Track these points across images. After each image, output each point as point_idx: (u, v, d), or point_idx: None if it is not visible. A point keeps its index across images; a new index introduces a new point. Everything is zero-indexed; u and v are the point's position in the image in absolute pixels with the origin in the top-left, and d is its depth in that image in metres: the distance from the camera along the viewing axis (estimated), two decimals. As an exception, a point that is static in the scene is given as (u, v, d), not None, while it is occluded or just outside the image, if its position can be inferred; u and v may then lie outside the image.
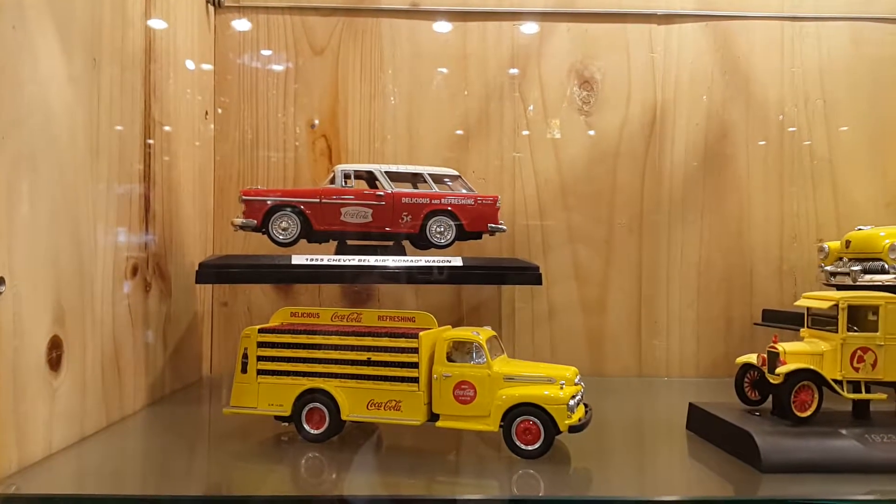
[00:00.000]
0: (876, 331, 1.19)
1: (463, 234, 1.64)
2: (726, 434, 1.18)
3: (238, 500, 1.02)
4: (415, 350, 1.18)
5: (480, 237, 1.68)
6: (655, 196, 1.91)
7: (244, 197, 1.57)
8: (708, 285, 1.90)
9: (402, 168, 1.65)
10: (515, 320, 1.90)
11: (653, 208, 1.91)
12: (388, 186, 1.61)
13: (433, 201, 1.61)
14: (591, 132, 1.91)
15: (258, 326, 1.26)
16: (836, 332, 1.20)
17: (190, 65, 1.73)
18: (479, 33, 1.91)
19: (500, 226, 1.65)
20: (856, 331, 1.20)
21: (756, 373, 1.27)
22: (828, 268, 1.67)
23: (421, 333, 1.19)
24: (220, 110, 1.89)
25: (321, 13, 1.90)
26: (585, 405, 1.23)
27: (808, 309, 1.28)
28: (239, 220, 1.57)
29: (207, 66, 1.86)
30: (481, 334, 1.21)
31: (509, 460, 1.13)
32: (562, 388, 1.14)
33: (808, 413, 1.17)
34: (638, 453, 1.24)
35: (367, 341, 1.20)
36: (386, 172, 1.63)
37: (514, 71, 1.91)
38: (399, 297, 1.87)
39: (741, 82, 1.91)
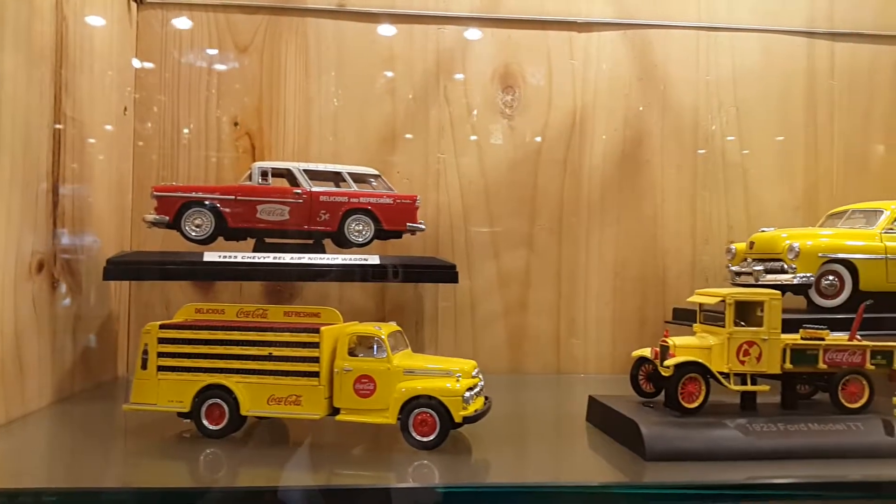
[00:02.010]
0: (761, 326, 1.25)
1: (382, 234, 1.66)
2: (618, 425, 1.22)
3: (122, 493, 1.02)
4: (316, 345, 1.19)
5: (400, 236, 1.71)
6: (575, 199, 1.96)
7: (156, 193, 1.56)
8: (623, 285, 1.96)
9: (320, 166, 1.66)
10: (438, 319, 1.92)
11: (572, 211, 1.96)
12: (306, 184, 1.62)
13: (351, 200, 1.63)
14: (514, 136, 1.95)
15: (159, 322, 1.25)
16: (724, 326, 1.25)
17: (109, 60, 1.71)
18: (405, 35, 1.94)
19: (418, 225, 1.67)
20: (743, 325, 1.26)
21: (650, 366, 1.32)
22: (733, 268, 1.74)
23: (322, 328, 1.20)
24: (140, 107, 1.87)
25: (246, 11, 1.90)
26: (486, 398, 1.25)
27: (700, 305, 1.33)
28: (151, 217, 1.56)
29: (128, 62, 1.84)
30: (383, 329, 1.23)
31: (411, 452, 1.15)
32: (458, 380, 1.17)
33: (696, 404, 1.22)
34: (534, 444, 1.27)
35: (269, 336, 1.21)
36: (304, 171, 1.64)
37: (440, 74, 1.94)
38: (322, 295, 1.88)
39: (657, 89, 1.98)
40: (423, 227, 1.67)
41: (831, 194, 1.99)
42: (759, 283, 1.64)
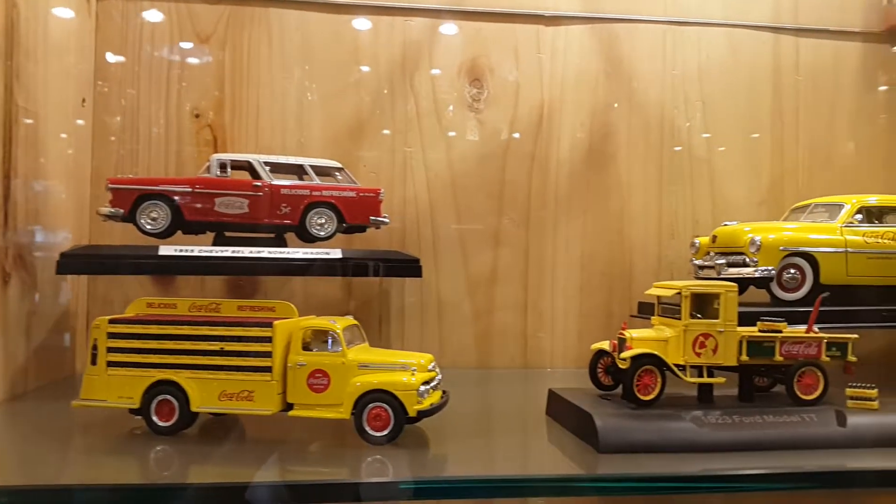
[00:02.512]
0: (717, 318, 1.25)
1: (345, 227, 1.64)
2: (575, 418, 1.22)
3: (70, 490, 0.99)
4: (268, 339, 1.17)
5: (364, 230, 1.69)
6: (542, 193, 1.96)
7: (111, 185, 1.53)
8: (590, 279, 1.96)
9: (282, 159, 1.64)
10: (405, 314, 1.91)
11: (540, 205, 1.95)
12: (266, 177, 1.59)
13: (313, 193, 1.60)
14: (481, 129, 1.94)
15: (108, 317, 1.23)
16: (681, 319, 1.25)
17: (66, 50, 1.68)
18: (372, 27, 1.92)
19: (382, 219, 1.66)
20: (699, 318, 1.26)
21: (609, 359, 1.32)
22: (697, 262, 1.75)
23: (275, 322, 1.18)
24: (100, 98, 1.84)
25: (208, 1, 1.87)
26: (444, 392, 1.24)
27: (658, 298, 1.33)
28: (106, 210, 1.52)
29: (87, 53, 1.81)
30: (338, 323, 1.21)
31: (366, 447, 1.14)
32: (413, 374, 1.15)
33: (652, 396, 1.22)
34: (491, 438, 1.26)
35: (220, 331, 1.19)
36: (265, 163, 1.61)
37: (406, 66, 1.92)
38: (287, 290, 1.86)
39: (624, 84, 1.98)
40: (386, 220, 1.66)
41: (796, 189, 2.00)
42: (722, 276, 1.64)
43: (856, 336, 1.29)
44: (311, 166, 1.63)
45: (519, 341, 1.94)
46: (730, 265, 1.64)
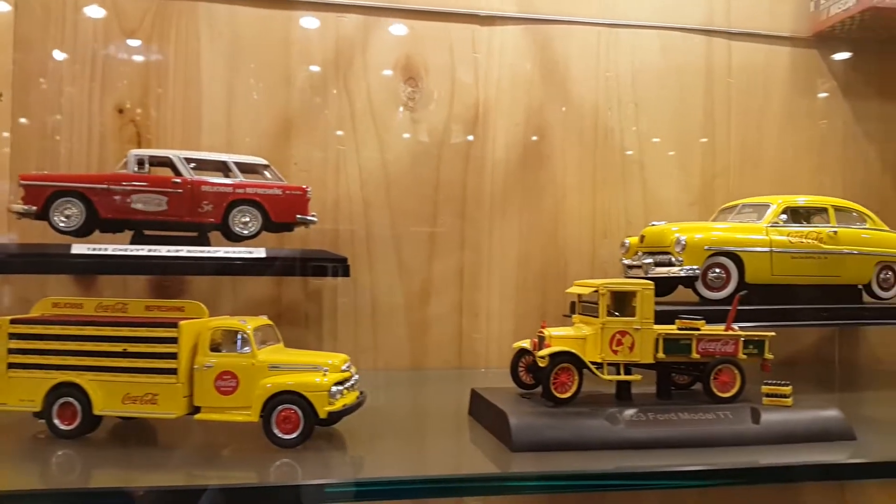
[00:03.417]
0: (634, 316, 1.25)
1: (271, 226, 1.60)
2: (493, 417, 1.21)
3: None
4: (173, 340, 1.13)
5: (292, 229, 1.65)
6: (477, 193, 1.95)
7: (23, 182, 1.47)
8: (525, 279, 1.95)
9: (204, 155, 1.60)
10: (337, 315, 1.88)
11: (475, 205, 1.94)
12: (186, 173, 1.55)
13: (236, 190, 1.56)
14: (416, 128, 1.92)
15: (10, 317, 1.17)
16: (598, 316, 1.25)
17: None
18: (304, 23, 1.88)
19: (310, 217, 1.62)
20: (617, 316, 1.26)
21: (530, 357, 1.31)
22: (626, 261, 1.76)
23: (181, 323, 1.14)
24: (20, 93, 1.76)
25: (133, -6, 1.82)
26: (361, 392, 1.22)
27: (578, 296, 1.33)
28: (18, 207, 1.46)
29: (5, 46, 1.73)
30: (249, 323, 1.18)
31: (278, 451, 1.11)
32: (325, 375, 1.13)
33: (569, 394, 1.21)
34: (409, 438, 1.24)
35: (124, 332, 1.15)
36: (186, 159, 1.57)
37: (339, 64, 1.89)
38: (214, 290, 1.81)
39: (559, 84, 1.98)
40: (314, 219, 1.62)
41: (727, 189, 2.03)
42: (649, 276, 1.66)
43: (772, 334, 1.31)
44: (236, 163, 1.59)
45: (454, 342, 1.93)
46: (657, 265, 1.66)
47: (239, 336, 1.15)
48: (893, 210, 2.14)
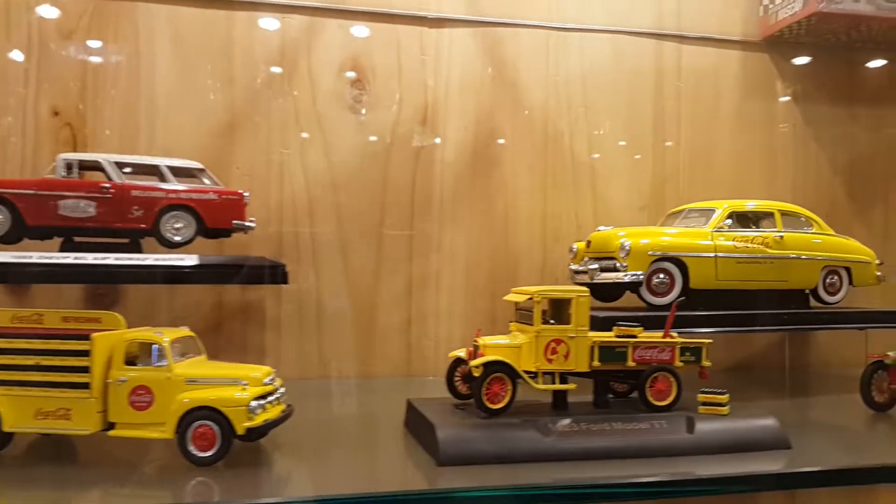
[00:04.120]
0: (569, 323, 1.23)
1: (206, 232, 1.56)
2: (424, 429, 1.17)
3: None
4: (86, 353, 1.08)
5: (229, 235, 1.61)
6: (426, 197, 1.91)
7: (-58, 187, 1.40)
8: (476, 285, 1.93)
9: (135, 158, 1.55)
10: (281, 323, 1.83)
11: (424, 209, 1.91)
12: (116, 177, 1.50)
13: (169, 195, 1.51)
14: (363, 131, 1.88)
15: (-86, 329, 1.12)
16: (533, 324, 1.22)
17: None
18: (246, 23, 1.84)
19: (247, 223, 1.58)
20: (552, 324, 1.23)
21: (466, 367, 1.28)
22: (572, 267, 1.74)
23: (94, 335, 1.09)
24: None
25: (68, -7, 1.76)
26: (288, 406, 1.18)
27: (515, 304, 1.30)
28: (-63, 214, 1.40)
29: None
30: (166, 335, 1.13)
31: (197, 469, 1.06)
32: (244, 389, 1.08)
33: (502, 405, 1.18)
34: (337, 453, 1.20)
35: (37, 344, 1.09)
36: (117, 163, 1.52)
37: (283, 65, 1.85)
38: (152, 298, 1.75)
39: (509, 87, 1.96)
40: (252, 225, 1.58)
41: (678, 194, 2.01)
42: (595, 281, 1.64)
43: (709, 340, 1.29)
44: (170, 167, 1.54)
45: (403, 349, 1.89)
46: (602, 270, 1.64)
47: (154, 349, 1.10)
48: (845, 214, 2.16)
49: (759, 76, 2.11)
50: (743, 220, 1.72)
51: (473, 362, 1.18)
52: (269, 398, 1.12)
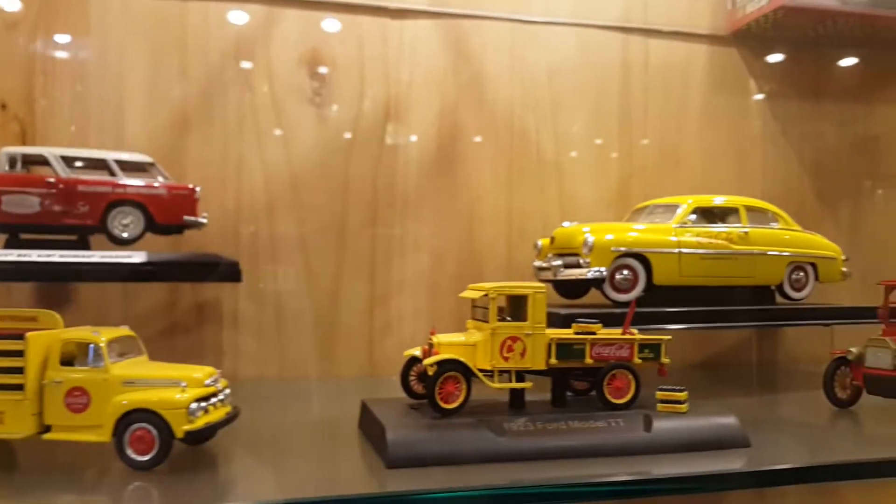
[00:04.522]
0: (526, 320, 1.19)
1: (156, 228, 1.51)
2: (375, 430, 1.13)
3: None
4: (20, 353, 1.03)
5: (181, 231, 1.56)
6: (389, 193, 1.87)
7: None
8: (440, 282, 1.89)
9: (82, 152, 1.49)
10: (238, 322, 1.78)
11: (386, 204, 1.87)
12: (62, 172, 1.44)
13: (116, 190, 1.46)
14: (323, 124, 1.84)
15: None
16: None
17: None
18: (201, 14, 1.78)
19: (198, 219, 1.53)
20: (509, 321, 1.20)
21: (422, 365, 1.24)
22: (536, 263, 1.71)
23: (28, 335, 1.04)
24: None
25: (14, -18, 1.70)
26: (234, 407, 1.14)
27: (472, 301, 1.27)
28: None
29: None
30: (103, 334, 1.08)
31: (148, 473, 1.02)
32: (184, 390, 1.04)
33: (456, 404, 1.15)
34: (287, 456, 1.15)
35: (-33, 344, 1.04)
36: (63, 157, 1.46)
37: (240, 57, 1.80)
38: (104, 297, 1.69)
39: (473, 81, 1.93)
40: (204, 221, 1.53)
41: (645, 189, 1.99)
42: (558, 278, 1.61)
43: (668, 337, 1.27)
44: (117, 161, 1.49)
45: (364, 349, 1.85)
46: (565, 266, 1.61)
47: (91, 349, 1.06)
48: (813, 210, 2.16)
49: (728, 71, 2.10)
50: (708, 215, 1.71)
51: (426, 361, 1.15)
52: (212, 400, 1.08)
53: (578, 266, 1.58)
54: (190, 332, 1.74)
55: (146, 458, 1.01)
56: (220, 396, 1.11)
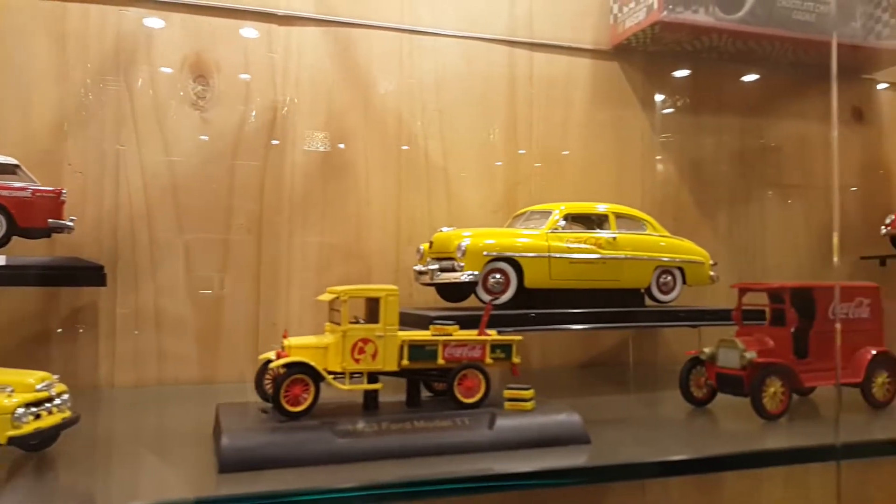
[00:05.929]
0: (378, 322, 1.22)
1: (17, 231, 1.47)
2: (218, 435, 1.14)
3: None
4: None
5: (48, 235, 1.53)
6: (276, 197, 1.88)
7: None
8: (328, 287, 1.89)
9: (-62, 154, 1.45)
10: (116, 328, 1.75)
11: (273, 210, 1.87)
12: (-88, 174, 1.40)
13: (-28, 192, 1.42)
14: (207, 129, 1.83)
15: None
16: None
17: None
18: (80, 14, 1.75)
19: (64, 222, 1.51)
20: (361, 323, 1.23)
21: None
22: (416, 268, 1.74)
23: None
24: None
25: None
26: (73, 414, 1.12)
27: (329, 303, 1.29)
28: None
29: None
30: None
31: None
32: (10, 395, 1.02)
33: (303, 407, 1.16)
34: (129, 463, 1.15)
35: None
36: (-85, 159, 1.41)
37: (121, 60, 1.78)
38: (-31, 304, 1.64)
39: (361, 89, 1.95)
40: (70, 224, 1.51)
41: (530, 196, 2.05)
42: (434, 281, 1.65)
43: (519, 337, 1.31)
44: (-25, 163, 1.45)
45: (249, 354, 1.84)
46: (442, 270, 1.65)
47: (-86, 354, 1.03)
48: (691, 217, 2.26)
49: (610, 84, 2.19)
50: (579, 221, 1.77)
51: (273, 364, 1.16)
52: (46, 405, 1.06)
53: (453, 270, 1.61)
54: (65, 339, 1.70)
55: (-32, 465, 0.99)
56: (57, 402, 1.09)
